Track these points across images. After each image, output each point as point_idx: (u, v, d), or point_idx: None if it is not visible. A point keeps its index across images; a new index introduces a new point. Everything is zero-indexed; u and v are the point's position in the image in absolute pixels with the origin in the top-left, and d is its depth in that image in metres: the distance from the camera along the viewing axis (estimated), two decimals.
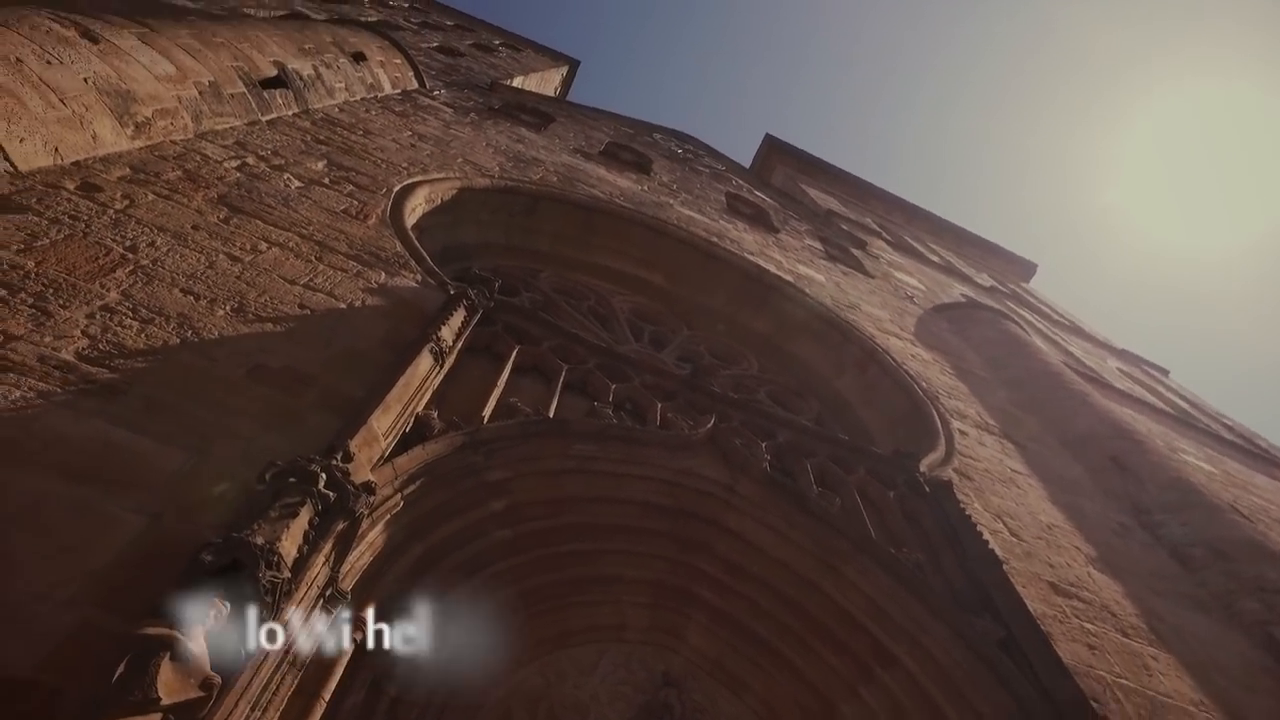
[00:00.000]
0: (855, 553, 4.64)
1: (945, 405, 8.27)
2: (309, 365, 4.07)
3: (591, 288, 8.67)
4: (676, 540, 4.69)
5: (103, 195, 4.85)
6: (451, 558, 3.76)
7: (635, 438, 4.68)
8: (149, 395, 3.44)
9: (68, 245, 4.22)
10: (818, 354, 9.37)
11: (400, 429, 3.74)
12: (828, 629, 4.49)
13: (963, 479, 6.55)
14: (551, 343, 5.37)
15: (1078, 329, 18.56)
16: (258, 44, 8.33)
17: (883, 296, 12.19)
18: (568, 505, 4.33)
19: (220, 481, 3.15)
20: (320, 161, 6.97)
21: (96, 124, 5.34)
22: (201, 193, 5.46)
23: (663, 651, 4.47)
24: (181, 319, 4.04)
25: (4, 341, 3.37)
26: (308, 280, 4.88)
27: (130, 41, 6.33)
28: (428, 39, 17.91)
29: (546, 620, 4.22)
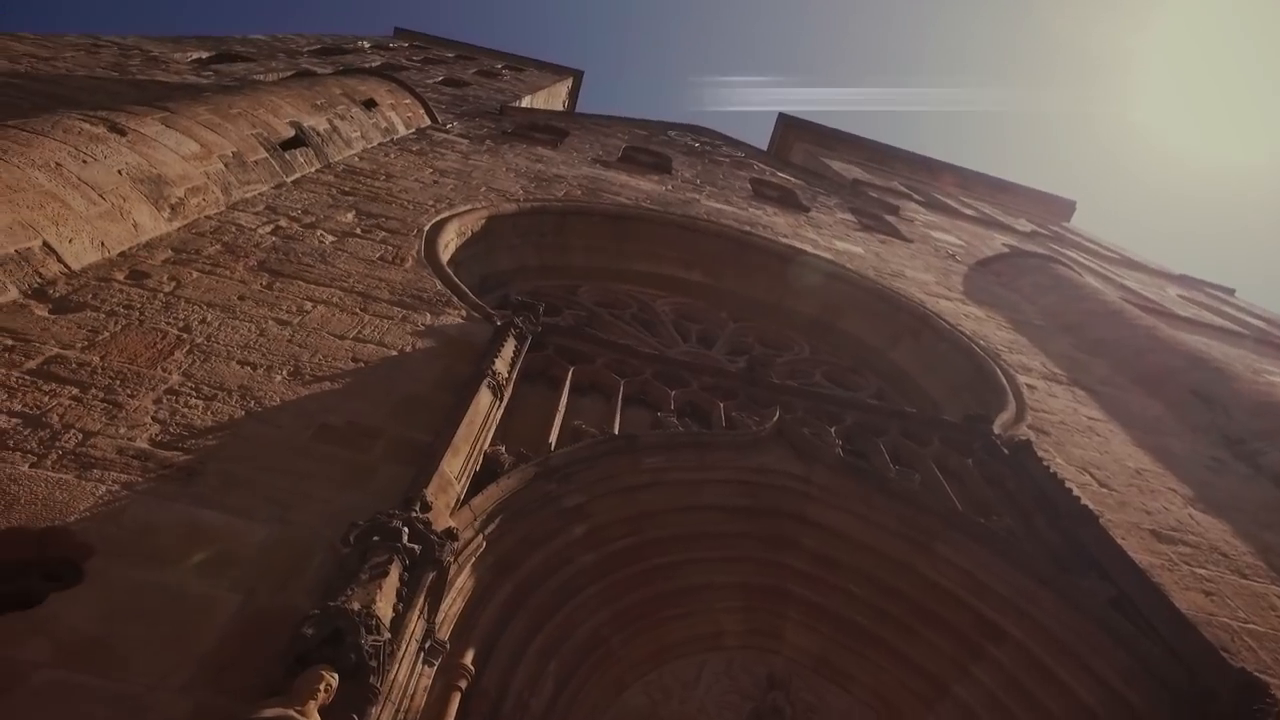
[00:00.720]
0: (944, 528, 4.51)
1: (1008, 361, 8.04)
2: (372, 418, 4.10)
3: (632, 295, 8.62)
4: (760, 539, 4.60)
5: (151, 281, 4.95)
6: (541, 590, 3.73)
7: (704, 442, 4.61)
8: (224, 471, 3.49)
9: (126, 335, 4.31)
10: (868, 327, 9.19)
11: (471, 469, 3.73)
12: (928, 610, 4.37)
13: (1040, 435, 6.35)
14: (605, 358, 5.33)
15: (1130, 261, 17.96)
16: (272, 108, 8.47)
17: (924, 259, 11.92)
18: (647, 520, 4.28)
19: (305, 548, 3.17)
20: (349, 213, 7.05)
21: (135, 212, 5.46)
22: (242, 262, 5.54)
23: (763, 654, 4.39)
24: (243, 390, 4.10)
25: (84, 439, 3.45)
26: (356, 333, 4.92)
27: (155, 128, 6.48)
28: (432, 74, 18.08)
29: (643, 638, 4.17)
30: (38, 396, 3.65)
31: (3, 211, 4.47)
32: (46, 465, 3.27)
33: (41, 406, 3.58)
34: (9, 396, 3.60)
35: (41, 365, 3.87)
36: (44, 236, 4.68)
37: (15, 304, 4.30)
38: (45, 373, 3.84)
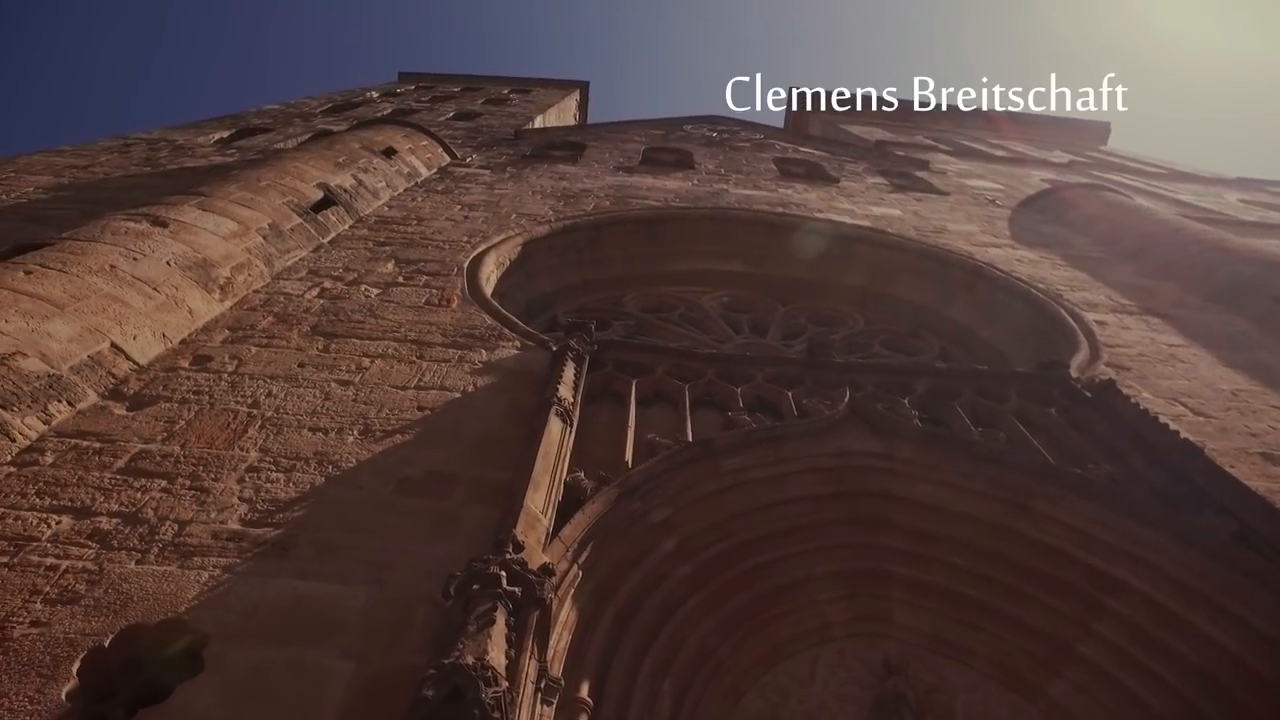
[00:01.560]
0: (1039, 484, 4.34)
1: (1071, 300, 7.76)
2: (448, 464, 4.12)
3: (677, 296, 8.57)
4: (851, 524, 4.50)
5: (214, 363, 5.07)
6: (643, 610, 3.70)
7: (779, 435, 4.53)
8: (316, 540, 3.53)
9: (201, 420, 4.41)
10: (920, 289, 8.97)
11: (554, 500, 3.71)
12: (1038, 571, 4.21)
13: (1120, 371, 6.10)
14: (665, 366, 5.28)
15: (1180, 174, 17.25)
16: (298, 174, 8.63)
17: (965, 210, 11.61)
18: (736, 522, 4.21)
19: (407, 606, 3.19)
20: (389, 263, 7.14)
21: (189, 299, 5.61)
22: (295, 330, 5.64)
23: (874, 640, 4.28)
24: (319, 457, 4.15)
25: (179, 529, 3.53)
26: (417, 381, 4.96)
27: (193, 213, 6.65)
28: (442, 112, 18.30)
29: (751, 642, 4.10)
30: (131, 494, 3.75)
31: (71, 321, 4.62)
32: (150, 560, 3.35)
33: (136, 503, 3.68)
34: (105, 498, 3.70)
35: (129, 463, 3.98)
36: (110, 338, 4.82)
37: (95, 407, 4.44)
38: (134, 469, 3.94)
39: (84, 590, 3.16)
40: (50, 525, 3.50)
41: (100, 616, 3.05)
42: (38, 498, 3.68)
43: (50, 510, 3.60)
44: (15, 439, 4.01)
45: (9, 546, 3.35)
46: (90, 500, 3.69)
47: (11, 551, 3.32)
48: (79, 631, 2.97)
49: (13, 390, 4.11)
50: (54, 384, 4.36)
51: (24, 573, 3.21)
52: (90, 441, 4.13)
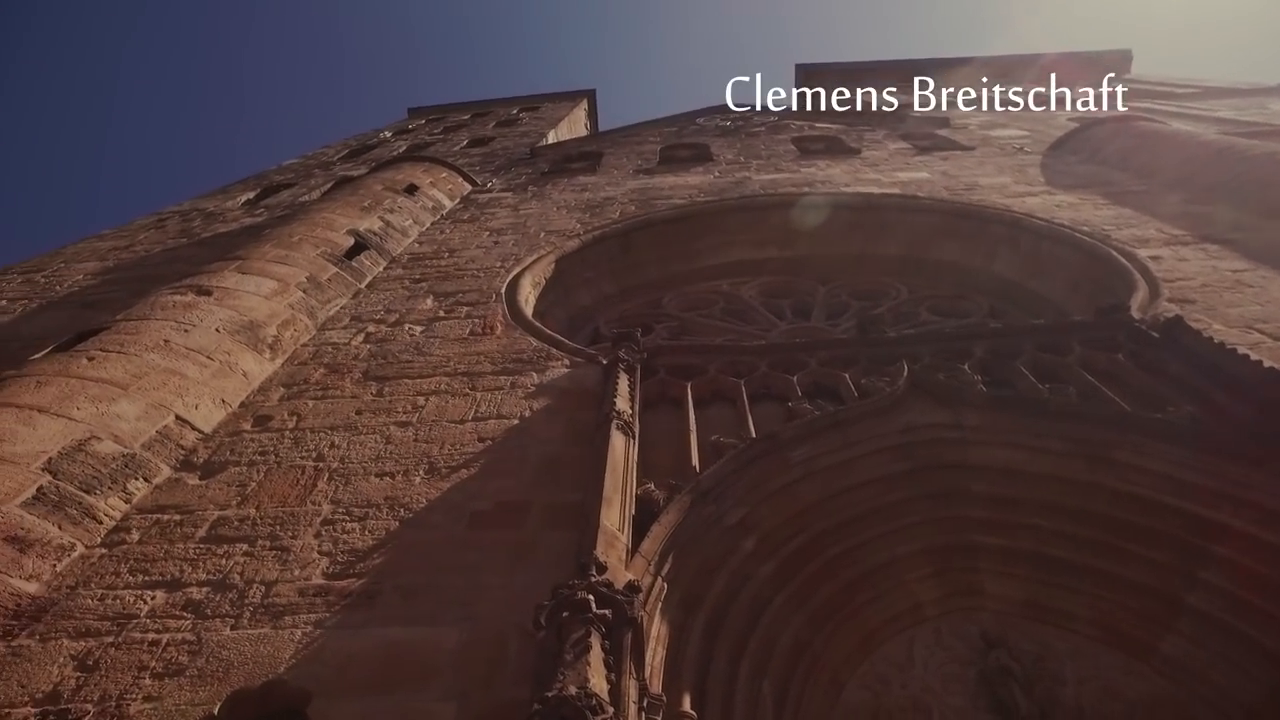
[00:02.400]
0: (1119, 434, 4.19)
1: (1120, 239, 7.51)
2: (517, 492, 4.13)
3: (715, 290, 8.51)
4: (929, 499, 4.39)
5: (274, 422, 5.15)
6: (732, 613, 3.65)
7: (843, 420, 4.44)
8: (399, 585, 3.56)
9: (270, 480, 4.49)
10: (960, 249, 8.78)
11: (628, 515, 3.69)
12: (1131, 524, 4.05)
13: (1185, 305, 5.88)
14: (717, 364, 5.23)
15: (1215, 90, 16.62)
16: (327, 224, 8.77)
17: (994, 162, 11.34)
18: (812, 513, 4.14)
19: (498, 640, 3.20)
20: (427, 299, 7.20)
21: (242, 362, 5.72)
22: (347, 378, 5.71)
23: (968, 614, 4.17)
24: (389, 501, 4.19)
25: (267, 590, 3.59)
26: (474, 413, 4.99)
27: (233, 278, 6.79)
28: (456, 141, 18.48)
29: (843, 632, 4.03)
30: (216, 561, 3.82)
31: (136, 400, 4.75)
32: (244, 624, 3.41)
33: (222, 570, 3.75)
34: (193, 568, 3.78)
35: (209, 531, 4.06)
36: (174, 411, 4.94)
37: (170, 480, 4.55)
38: (214, 537, 4.02)
39: (187, 661, 3.23)
40: (146, 601, 3.59)
41: (206, 685, 3.11)
42: (131, 575, 3.78)
43: (144, 586, 3.69)
44: (102, 521, 4.12)
45: (112, 626, 3.44)
46: (179, 572, 3.77)
47: (115, 631, 3.41)
48: (188, 702, 3.04)
49: (93, 474, 4.23)
50: (129, 463, 4.47)
51: (130, 650, 3.30)
52: (170, 515, 4.23)
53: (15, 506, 3.83)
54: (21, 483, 3.94)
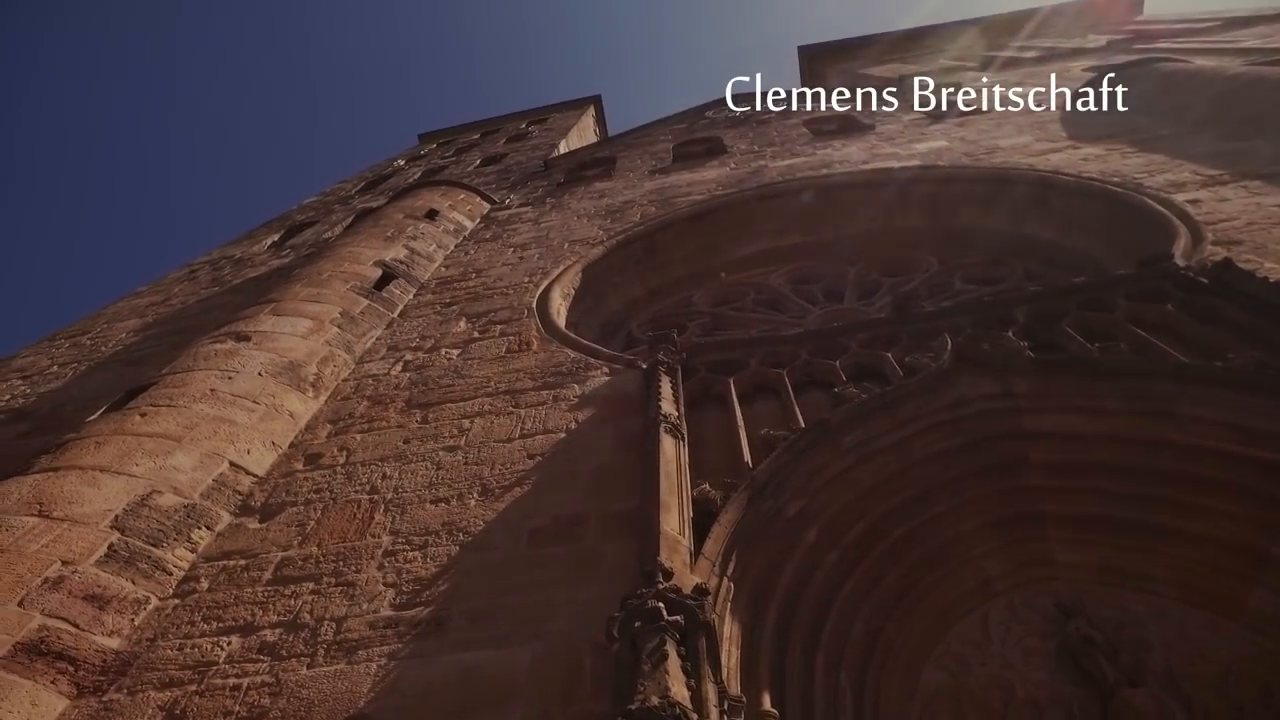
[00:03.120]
0: (1179, 386, 4.07)
1: (1153, 186, 7.31)
2: (572, 505, 4.13)
3: (744, 282, 8.47)
4: (988, 472, 4.31)
5: (325, 459, 5.22)
6: (801, 607, 3.62)
7: (891, 400, 4.38)
8: (467, 610, 3.57)
9: (328, 517, 4.54)
10: (987, 214, 8.62)
11: (687, 518, 3.67)
12: (1202, 478, 3.93)
13: (1232, 247, 5.70)
14: (756, 357, 5.19)
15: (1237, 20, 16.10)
16: (354, 258, 8.88)
17: (1012, 123, 11.11)
18: (870, 498, 4.09)
19: (572, 655, 3.20)
20: (460, 321, 7.25)
21: (287, 403, 5.80)
22: (391, 408, 5.77)
23: (1040, 585, 4.07)
24: (447, 527, 4.21)
25: (338, 626, 3.63)
26: (520, 431, 5.00)
27: (269, 321, 6.89)
28: (469, 161, 18.61)
29: (915, 615, 3.96)
30: (285, 602, 3.87)
31: (190, 451, 4.84)
32: (320, 662, 3.45)
33: (292, 610, 3.80)
34: (264, 611, 3.84)
35: (275, 573, 4.12)
36: (228, 458, 5.02)
37: (231, 526, 4.62)
38: (281, 578, 4.08)
39: (269, 703, 3.27)
40: (223, 647, 3.65)
41: None
42: (205, 623, 3.84)
43: (219, 633, 3.75)
44: (172, 572, 4.20)
45: (194, 675, 3.50)
46: (251, 616, 3.82)
47: (197, 679, 3.47)
48: None
49: (158, 527, 4.31)
50: (191, 513, 4.56)
51: (213, 697, 3.35)
52: (236, 560, 4.30)
53: (90, 565, 3.93)
54: (93, 542, 4.04)
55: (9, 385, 8.93)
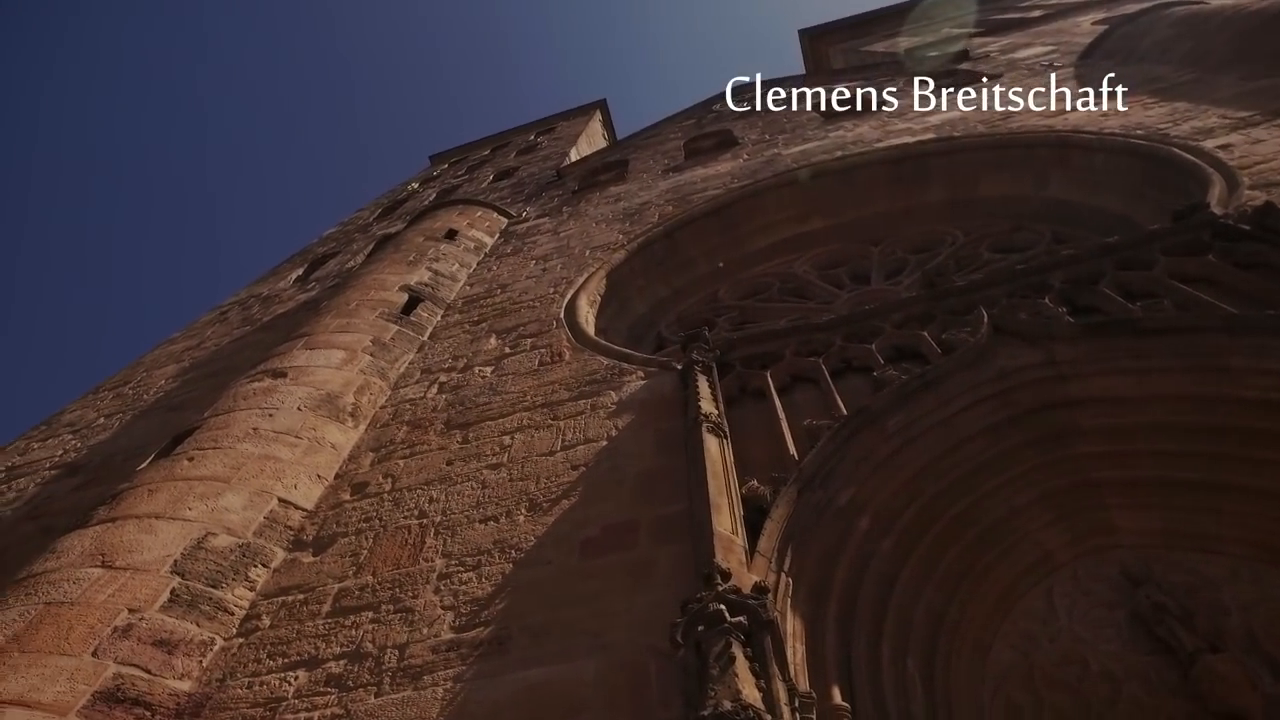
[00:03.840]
0: (1230, 339, 3.96)
1: (1180, 134, 7.13)
2: (620, 513, 4.12)
3: (768, 273, 8.43)
4: (1038, 443, 4.23)
5: (371, 487, 5.26)
6: (861, 596, 3.58)
7: (932, 379, 4.32)
8: (527, 626, 3.58)
9: (380, 545, 4.58)
10: (1009, 180, 8.48)
11: (738, 516, 3.64)
12: (1262, 431, 3.81)
13: (1272, 189, 5.53)
14: (791, 347, 5.13)
15: None
16: (379, 285, 8.96)
17: (1026, 84, 10.92)
18: (920, 480, 4.03)
19: (637, 664, 3.19)
20: (490, 338, 7.28)
21: (328, 435, 5.87)
22: (431, 431, 5.80)
23: (1103, 554, 3.98)
24: (498, 545, 4.23)
25: (401, 653, 3.66)
26: (561, 442, 5.01)
27: (302, 354, 6.98)
28: (482, 178, 18.72)
29: (977, 593, 3.90)
30: (346, 633, 3.91)
31: (239, 491, 4.91)
32: (387, 690, 3.48)
33: (354, 640, 3.83)
34: (326, 643, 3.88)
35: (334, 605, 4.16)
36: (276, 494, 5.09)
37: (286, 562, 4.68)
38: (340, 609, 4.12)
39: None
40: (291, 683, 3.69)
41: None
42: (271, 660, 3.89)
43: (286, 668, 3.79)
44: (233, 612, 4.26)
45: (265, 712, 3.55)
46: (315, 650, 3.86)
47: (269, 716, 3.53)
48: None
49: (216, 569, 4.38)
50: (246, 552, 4.62)
51: None
52: (294, 595, 4.35)
53: (156, 611, 4.00)
54: (156, 589, 4.11)
55: (60, 440, 9.14)
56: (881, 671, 3.35)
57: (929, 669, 3.51)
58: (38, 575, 4.27)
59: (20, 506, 7.58)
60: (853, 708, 3.08)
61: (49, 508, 7.26)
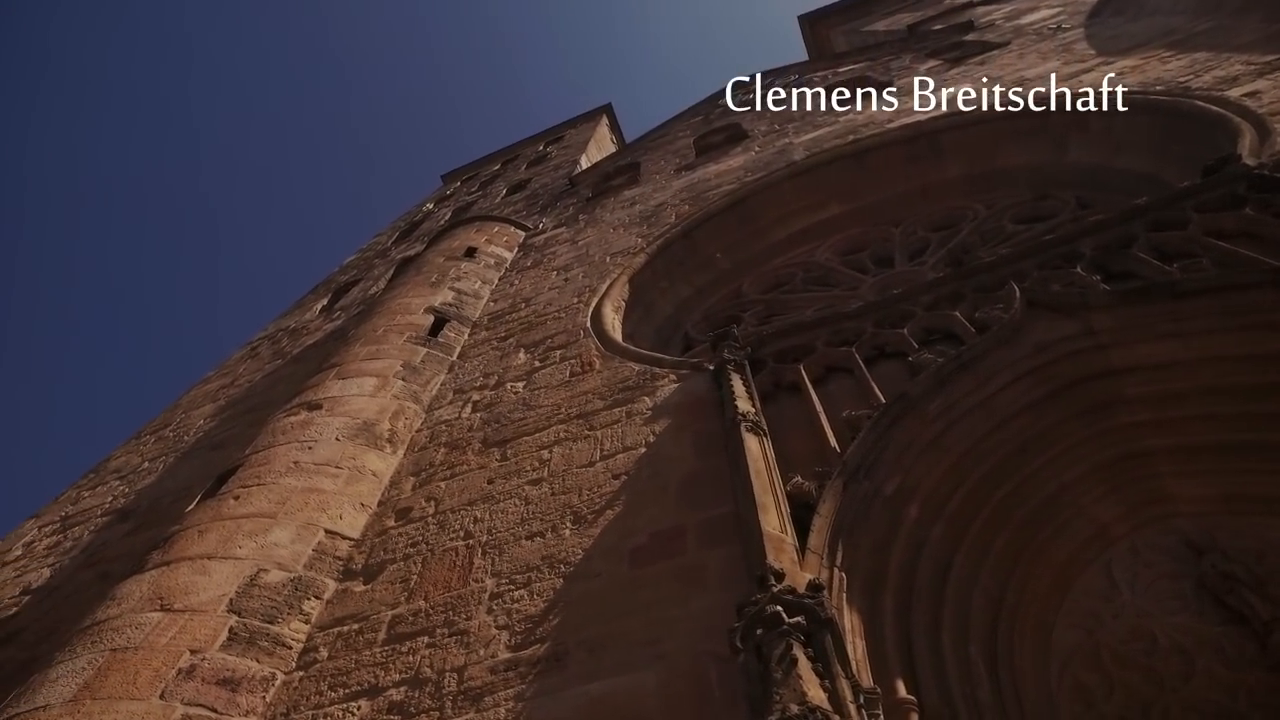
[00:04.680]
0: (1277, 293, 3.86)
1: (1202, 85, 6.96)
2: (667, 519, 4.11)
3: (791, 263, 8.38)
4: (1084, 415, 4.16)
5: (415, 511, 5.29)
6: (917, 585, 3.54)
7: (968, 360, 4.25)
8: (583, 641, 3.58)
9: (429, 569, 4.60)
10: (1026, 149, 8.34)
11: (786, 514, 3.61)
12: None
13: None
14: (822, 338, 5.08)
15: None
16: (404, 309, 9.02)
17: (1036, 51, 10.74)
18: (965, 463, 3.98)
19: (697, 671, 3.18)
20: (519, 353, 7.30)
21: (368, 463, 5.92)
22: (469, 451, 5.83)
23: (1162, 524, 3.90)
24: (547, 561, 4.23)
25: (460, 676, 3.68)
26: (600, 453, 5.00)
27: (335, 384, 7.05)
28: (495, 193, 18.80)
29: (1034, 574, 3.84)
30: (404, 660, 3.93)
31: (286, 526, 4.97)
32: (449, 713, 3.49)
33: (412, 666, 3.86)
34: (385, 671, 3.90)
35: (389, 632, 4.19)
36: (322, 526, 5.14)
37: (338, 592, 4.72)
38: (395, 636, 4.15)
39: None
40: (354, 713, 3.72)
41: None
42: (332, 691, 3.93)
43: (348, 699, 3.83)
44: (291, 646, 4.31)
45: None
46: (374, 679, 3.89)
47: None
48: None
49: (271, 605, 4.43)
50: (298, 585, 4.67)
51: None
52: (349, 625, 4.38)
53: (216, 651, 4.05)
54: (215, 628, 4.17)
55: (109, 487, 9.33)
56: (944, 661, 3.31)
57: (992, 654, 3.47)
58: (101, 623, 4.35)
59: (77, 555, 7.74)
60: (919, 700, 3.04)
61: (104, 554, 7.40)
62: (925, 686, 3.14)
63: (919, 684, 3.14)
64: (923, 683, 3.15)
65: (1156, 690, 3.20)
